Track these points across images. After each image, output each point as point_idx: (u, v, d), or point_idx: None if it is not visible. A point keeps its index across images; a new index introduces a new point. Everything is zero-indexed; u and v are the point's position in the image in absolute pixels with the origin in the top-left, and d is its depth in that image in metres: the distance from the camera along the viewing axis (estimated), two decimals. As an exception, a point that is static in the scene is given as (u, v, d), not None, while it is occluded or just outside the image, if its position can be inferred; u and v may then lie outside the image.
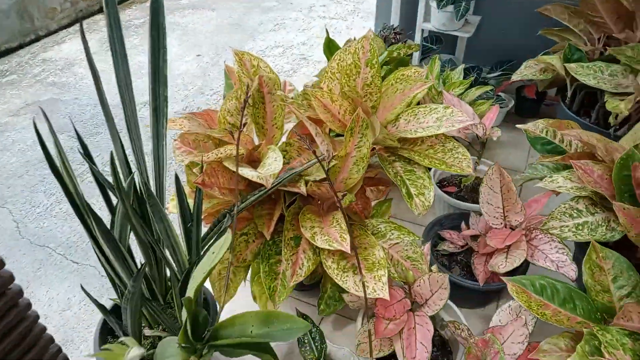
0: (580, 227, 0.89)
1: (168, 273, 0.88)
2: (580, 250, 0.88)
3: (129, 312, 0.76)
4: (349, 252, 0.72)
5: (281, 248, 0.84)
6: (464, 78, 1.45)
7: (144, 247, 0.83)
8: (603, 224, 0.88)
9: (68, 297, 1.40)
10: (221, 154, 0.83)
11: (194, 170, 0.94)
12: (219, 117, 0.94)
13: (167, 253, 0.81)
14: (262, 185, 0.76)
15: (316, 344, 0.84)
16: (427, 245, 0.88)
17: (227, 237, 0.54)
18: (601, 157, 0.94)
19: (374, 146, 0.95)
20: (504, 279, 0.76)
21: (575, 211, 0.91)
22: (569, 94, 1.44)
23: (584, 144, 0.99)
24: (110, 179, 0.70)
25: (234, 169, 0.77)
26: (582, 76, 1.29)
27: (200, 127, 0.96)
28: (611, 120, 1.25)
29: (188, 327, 0.52)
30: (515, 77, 1.48)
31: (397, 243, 0.86)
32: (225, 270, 0.88)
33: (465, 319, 0.89)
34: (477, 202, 1.24)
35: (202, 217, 0.90)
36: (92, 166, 0.70)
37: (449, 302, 0.88)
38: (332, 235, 0.76)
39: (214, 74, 2.67)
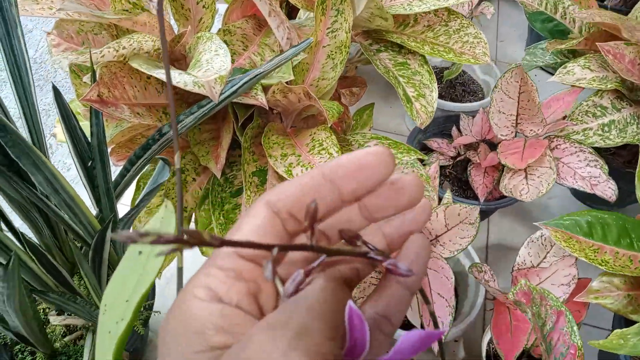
0: (606, 129, 0.72)
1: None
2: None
3: (14, 313, 0.48)
4: (351, 191, 0.49)
5: (237, 187, 0.59)
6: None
7: (21, 208, 0.53)
8: (633, 120, 0.72)
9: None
10: (124, 48, 0.52)
11: (85, 78, 0.62)
12: (112, -7, 0.60)
13: (63, 213, 0.52)
14: (200, 97, 0.48)
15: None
16: (434, 166, 0.67)
17: (164, 219, 0.27)
18: (627, 38, 0.75)
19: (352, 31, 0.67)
20: (539, 224, 0.57)
21: (599, 109, 0.73)
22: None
23: (601, 24, 0.78)
24: None
25: (146, 71, 0.47)
26: None
27: (84, 9, 0.61)
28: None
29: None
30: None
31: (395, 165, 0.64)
32: (156, 223, 0.61)
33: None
34: (459, 101, 1.03)
35: (109, 150, 0.60)
36: None
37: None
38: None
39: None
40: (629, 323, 0.55)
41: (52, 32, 0.64)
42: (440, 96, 1.02)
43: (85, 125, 0.57)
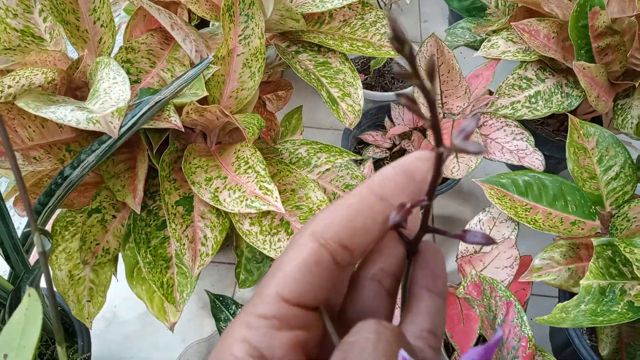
0: (533, 99, 0.73)
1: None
2: (536, 139, 0.73)
3: None
4: (282, 211, 0.46)
5: (162, 218, 0.54)
6: None
7: None
8: (556, 90, 0.74)
9: None
10: (10, 87, 0.46)
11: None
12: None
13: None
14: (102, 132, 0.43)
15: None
16: (369, 165, 0.65)
17: (29, 310, 0.22)
18: (548, 12, 0.77)
19: (266, 34, 0.64)
20: (477, 181, 0.58)
21: (524, 81, 0.74)
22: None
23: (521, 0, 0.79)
24: None
25: (36, 112, 0.42)
26: None
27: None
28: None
29: None
30: None
31: (328, 170, 0.61)
32: (78, 270, 0.56)
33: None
34: (389, 90, 1.03)
35: (12, 200, 0.54)
36: None
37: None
38: (248, 188, 0.48)
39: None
40: (573, 295, 0.56)
41: None
42: (370, 86, 1.01)
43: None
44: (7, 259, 0.51)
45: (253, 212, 0.49)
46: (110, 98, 0.43)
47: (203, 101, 0.54)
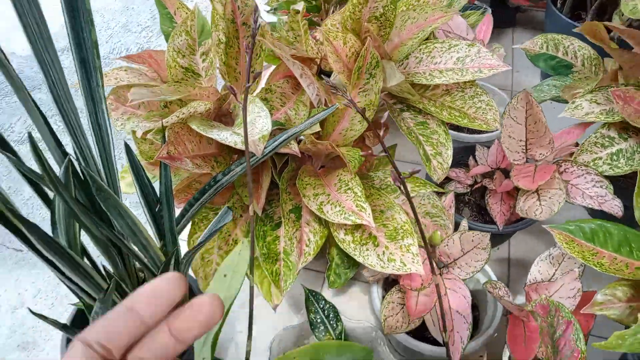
0: (615, 157, 0.78)
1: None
2: (617, 189, 0.78)
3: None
4: (373, 225, 0.58)
5: (276, 221, 0.69)
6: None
7: (103, 245, 0.64)
8: (639, 148, 0.78)
9: (19, 292, 1.19)
10: (183, 114, 0.63)
11: (148, 135, 0.74)
12: (167, 60, 0.73)
13: (136, 247, 0.63)
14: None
15: (331, 323, 0.72)
16: (450, 197, 0.75)
17: (243, 254, 0.37)
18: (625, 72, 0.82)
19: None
20: (547, 227, 0.65)
21: (607, 139, 0.79)
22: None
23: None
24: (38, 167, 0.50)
25: (205, 133, 0.58)
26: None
27: (144, 77, 0.74)
28: (617, 21, 1.12)
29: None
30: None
31: (412, 198, 0.72)
32: (210, 254, 0.72)
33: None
34: (474, 132, 1.11)
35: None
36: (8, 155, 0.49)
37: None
38: (345, 204, 0.61)
39: (137, 6, 2.29)
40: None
41: (109, 97, 0.77)
42: (459, 128, 1.10)
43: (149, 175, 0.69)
44: (162, 237, 0.68)
45: (349, 224, 0.61)
46: (256, 127, 0.58)
47: (317, 133, 0.68)
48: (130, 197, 1.23)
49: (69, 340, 0.72)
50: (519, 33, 1.67)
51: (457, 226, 0.77)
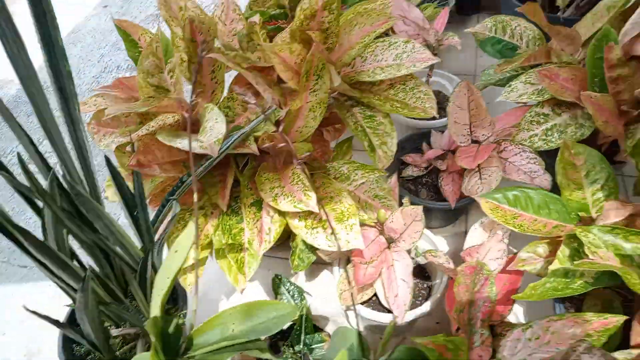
0: (549, 132, 0.86)
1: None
2: (551, 162, 0.86)
3: (87, 321, 0.69)
4: (317, 210, 0.67)
5: (241, 216, 0.78)
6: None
7: (88, 247, 0.74)
8: (571, 122, 0.86)
9: (25, 305, 1.29)
10: (152, 127, 0.72)
11: (126, 149, 0.83)
12: (139, 82, 0.82)
13: (117, 248, 0.72)
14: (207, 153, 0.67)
15: (296, 302, 0.81)
16: (394, 179, 0.83)
17: (188, 233, 0.46)
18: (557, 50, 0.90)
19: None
20: (475, 197, 0.73)
21: (542, 117, 0.87)
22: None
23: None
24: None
25: (169, 142, 0.67)
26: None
27: (119, 102, 0.84)
28: (560, 2, 1.19)
29: (158, 349, 0.46)
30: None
31: (363, 183, 0.81)
32: (187, 249, 0.81)
33: (437, 239, 0.88)
34: (432, 119, 1.19)
35: (147, 200, 0.81)
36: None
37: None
38: (296, 194, 0.70)
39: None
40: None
41: (91, 122, 0.87)
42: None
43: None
44: (142, 236, 0.77)
45: (299, 211, 0.70)
46: (213, 132, 0.67)
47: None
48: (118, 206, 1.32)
49: (65, 338, 0.81)
50: (484, 18, 1.74)
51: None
